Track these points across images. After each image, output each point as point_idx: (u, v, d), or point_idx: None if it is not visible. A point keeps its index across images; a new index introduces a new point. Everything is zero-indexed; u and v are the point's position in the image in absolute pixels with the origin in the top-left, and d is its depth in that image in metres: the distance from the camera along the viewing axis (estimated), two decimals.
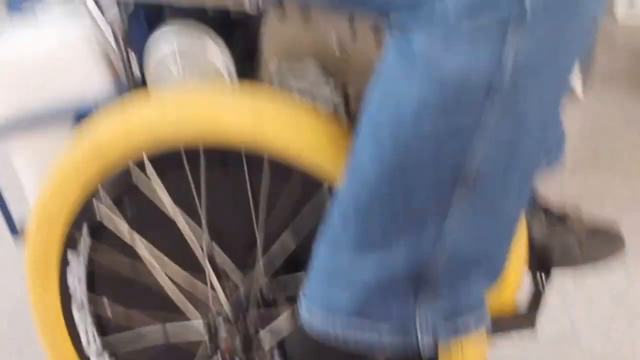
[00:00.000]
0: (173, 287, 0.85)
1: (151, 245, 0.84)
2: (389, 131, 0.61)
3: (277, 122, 0.73)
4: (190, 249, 0.83)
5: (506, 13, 0.56)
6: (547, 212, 1.03)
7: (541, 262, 0.93)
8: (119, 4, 0.80)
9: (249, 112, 0.74)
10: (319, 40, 0.78)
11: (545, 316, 0.85)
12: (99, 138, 0.78)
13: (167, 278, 0.84)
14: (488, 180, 0.63)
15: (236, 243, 0.82)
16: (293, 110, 0.75)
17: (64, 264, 0.88)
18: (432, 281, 0.68)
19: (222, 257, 0.83)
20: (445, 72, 0.57)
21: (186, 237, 0.82)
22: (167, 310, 0.87)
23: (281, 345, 0.81)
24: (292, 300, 0.78)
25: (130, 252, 0.85)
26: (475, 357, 0.78)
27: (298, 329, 0.75)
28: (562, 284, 1.27)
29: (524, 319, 0.82)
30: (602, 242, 1.01)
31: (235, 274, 0.83)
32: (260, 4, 0.74)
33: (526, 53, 0.57)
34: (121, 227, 0.83)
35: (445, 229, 0.64)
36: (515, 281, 0.79)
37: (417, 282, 0.67)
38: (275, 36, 0.79)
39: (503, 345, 0.87)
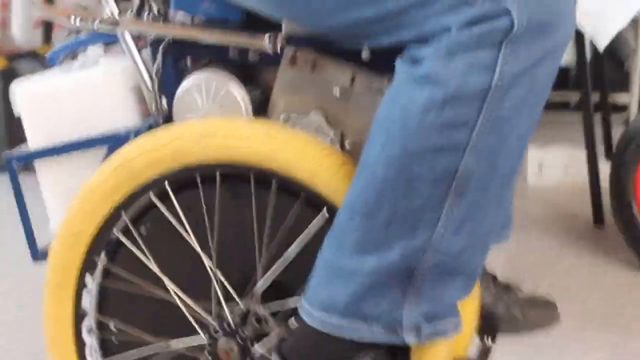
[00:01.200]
0: (180, 304, 0.93)
1: (164, 265, 0.93)
2: (396, 133, 0.73)
3: (288, 149, 0.85)
4: (199, 269, 0.92)
5: (499, 25, 0.70)
6: (494, 280, 1.14)
7: (488, 326, 1.04)
8: (152, 45, 0.94)
9: (264, 140, 0.86)
10: (324, 87, 0.92)
11: None
12: (126, 166, 0.89)
13: (175, 295, 0.93)
14: (473, 189, 0.75)
15: (238, 264, 0.92)
16: (302, 141, 0.87)
17: (81, 286, 0.96)
18: (418, 284, 0.78)
19: (226, 277, 0.92)
20: (449, 80, 0.70)
21: (196, 259, 0.91)
22: (172, 326, 0.95)
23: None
24: (284, 318, 0.87)
25: (142, 272, 0.94)
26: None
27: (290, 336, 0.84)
28: None
29: None
30: (540, 311, 1.12)
31: (235, 293, 0.92)
32: (279, 45, 0.88)
33: (513, 63, 0.71)
34: (137, 248, 0.92)
35: (436, 234, 0.75)
36: (468, 335, 0.89)
37: (406, 284, 0.77)
38: (285, 79, 0.92)
39: None
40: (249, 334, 0.90)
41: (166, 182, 0.88)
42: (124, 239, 0.92)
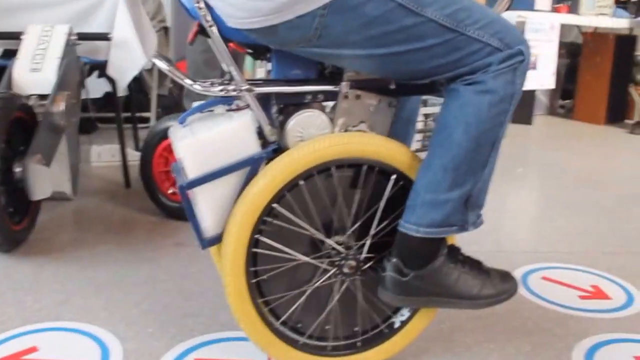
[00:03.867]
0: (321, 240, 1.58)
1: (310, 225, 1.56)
2: (472, 123, 1.44)
3: (374, 144, 1.54)
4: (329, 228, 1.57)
5: (517, 59, 1.46)
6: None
7: None
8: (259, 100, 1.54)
9: (357, 141, 1.54)
10: (364, 108, 1.62)
11: None
12: (273, 175, 1.50)
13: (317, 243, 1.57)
14: (498, 147, 1.51)
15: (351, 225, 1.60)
16: (378, 138, 1.57)
17: (249, 254, 1.54)
18: (473, 200, 1.53)
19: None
20: (496, 92, 1.47)
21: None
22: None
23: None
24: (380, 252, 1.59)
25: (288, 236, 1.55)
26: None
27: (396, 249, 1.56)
28: None
29: None
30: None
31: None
32: (347, 89, 1.56)
33: (521, 78, 1.48)
34: (291, 218, 1.54)
35: (484, 174, 1.51)
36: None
37: (467, 203, 1.52)
38: (342, 106, 1.59)
39: None
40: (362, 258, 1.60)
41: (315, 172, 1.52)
42: (282, 209, 1.53)
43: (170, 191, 2.80)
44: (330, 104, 1.62)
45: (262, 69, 4.25)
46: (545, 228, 2.92)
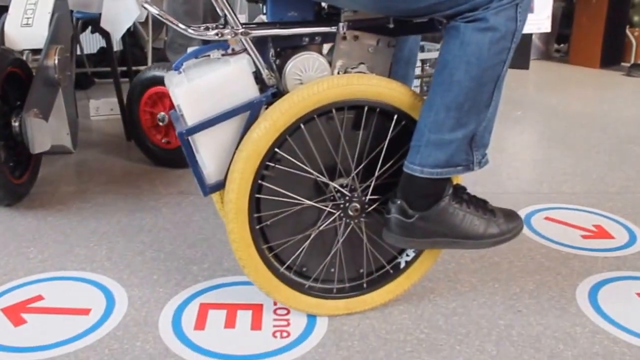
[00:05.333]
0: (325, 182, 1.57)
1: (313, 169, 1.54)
2: (473, 62, 1.41)
3: (374, 84, 1.52)
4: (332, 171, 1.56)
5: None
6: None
7: None
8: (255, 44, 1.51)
9: (356, 82, 1.52)
10: (363, 49, 1.59)
11: None
12: (273, 119, 1.48)
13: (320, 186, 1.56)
14: (501, 85, 1.48)
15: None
16: (379, 79, 1.54)
17: (252, 200, 1.53)
18: (478, 139, 1.51)
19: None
20: (497, 30, 1.44)
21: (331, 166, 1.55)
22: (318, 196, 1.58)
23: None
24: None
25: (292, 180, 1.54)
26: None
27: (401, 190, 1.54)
28: None
29: None
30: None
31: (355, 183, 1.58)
32: (344, 30, 1.53)
33: (522, 16, 1.45)
34: (293, 162, 1.53)
35: (487, 113, 1.50)
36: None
37: (472, 142, 1.51)
38: (340, 48, 1.57)
39: None
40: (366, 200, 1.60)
41: (315, 116, 1.50)
42: (284, 153, 1.51)
43: (163, 140, 2.83)
44: (328, 46, 1.60)
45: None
46: (546, 169, 2.91)
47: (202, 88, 1.49)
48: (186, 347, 1.56)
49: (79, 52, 4.06)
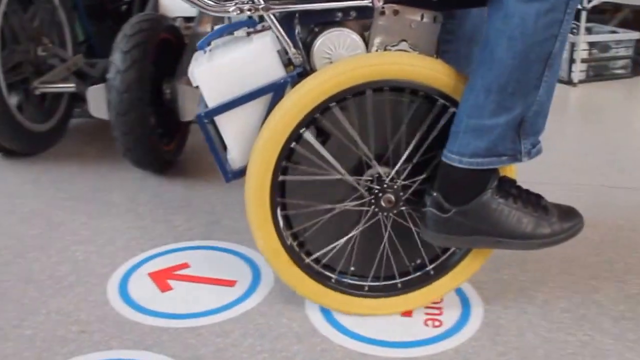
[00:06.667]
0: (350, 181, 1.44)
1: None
2: (517, 36, 1.24)
3: (413, 64, 1.37)
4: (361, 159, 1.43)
5: None
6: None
7: None
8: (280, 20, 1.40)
9: (389, 61, 1.37)
10: (403, 25, 1.44)
11: None
12: (297, 99, 1.37)
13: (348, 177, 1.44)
14: (555, 63, 1.29)
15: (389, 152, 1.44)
16: (418, 58, 1.40)
17: (274, 184, 1.43)
18: (527, 126, 1.33)
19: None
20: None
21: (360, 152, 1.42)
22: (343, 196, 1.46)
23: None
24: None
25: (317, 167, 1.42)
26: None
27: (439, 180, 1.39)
28: None
29: None
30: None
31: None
32: (381, 3, 1.39)
33: None
34: (317, 150, 1.41)
35: (537, 97, 1.30)
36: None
37: (520, 128, 1.33)
38: (378, 24, 1.43)
39: None
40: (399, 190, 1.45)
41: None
42: (309, 138, 1.40)
43: None
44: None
45: None
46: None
47: (222, 68, 1.42)
48: (334, 330, 1.52)
49: None
